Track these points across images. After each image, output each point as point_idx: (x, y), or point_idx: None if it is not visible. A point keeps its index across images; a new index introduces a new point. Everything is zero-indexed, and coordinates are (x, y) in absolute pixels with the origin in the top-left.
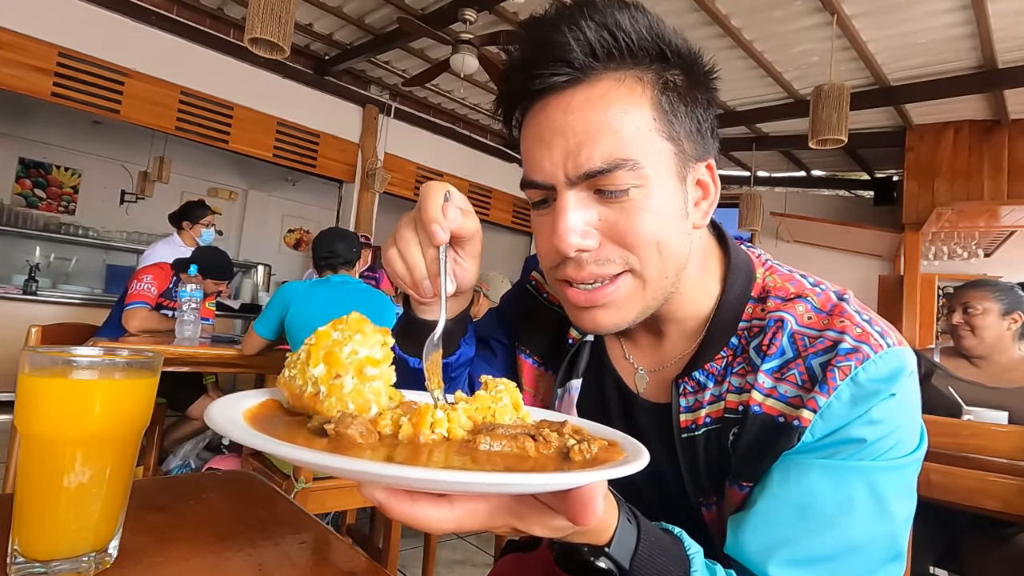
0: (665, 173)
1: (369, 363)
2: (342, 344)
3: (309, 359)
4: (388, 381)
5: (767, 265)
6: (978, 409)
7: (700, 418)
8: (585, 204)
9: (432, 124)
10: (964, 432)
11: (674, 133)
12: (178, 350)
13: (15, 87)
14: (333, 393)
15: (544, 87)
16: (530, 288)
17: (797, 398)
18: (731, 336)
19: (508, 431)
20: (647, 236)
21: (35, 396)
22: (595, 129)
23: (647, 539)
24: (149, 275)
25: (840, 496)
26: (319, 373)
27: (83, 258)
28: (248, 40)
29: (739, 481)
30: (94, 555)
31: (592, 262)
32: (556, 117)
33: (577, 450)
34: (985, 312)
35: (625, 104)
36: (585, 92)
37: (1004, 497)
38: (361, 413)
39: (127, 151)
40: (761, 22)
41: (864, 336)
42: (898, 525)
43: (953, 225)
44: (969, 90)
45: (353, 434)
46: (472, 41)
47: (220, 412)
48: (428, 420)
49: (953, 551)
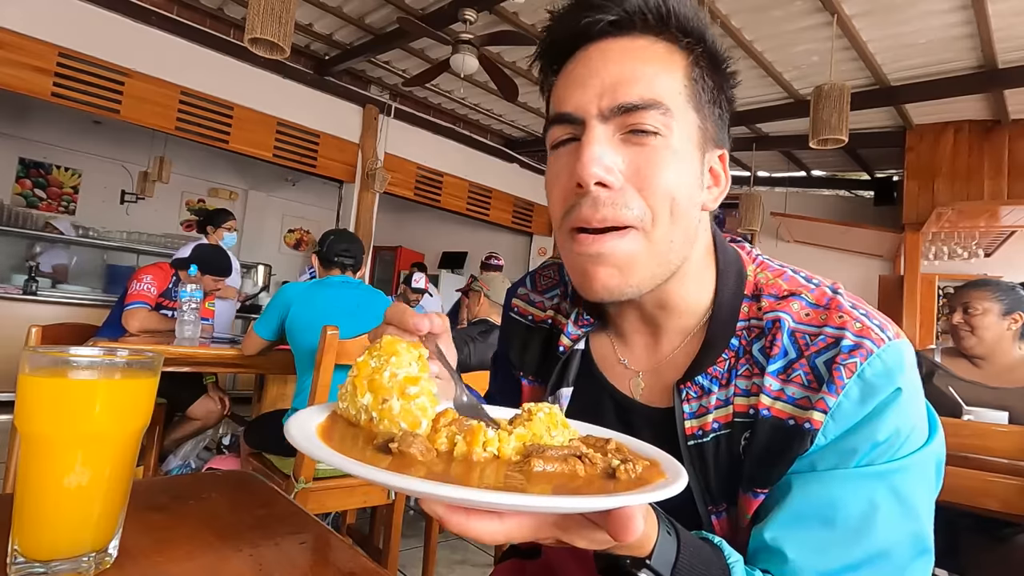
0: (688, 138)
1: (409, 383)
2: (381, 370)
3: (356, 390)
4: (430, 394)
5: (758, 261)
6: (978, 409)
7: (708, 424)
8: (613, 144)
9: (432, 124)
10: (964, 432)
11: (700, 106)
12: (178, 350)
13: (15, 87)
14: (385, 416)
15: (592, 27)
16: (514, 315)
17: (805, 399)
18: (731, 337)
19: (557, 452)
20: (665, 187)
21: (35, 396)
22: (632, 73)
23: (687, 550)
24: (149, 275)
25: (863, 503)
26: (367, 401)
27: (83, 258)
28: (248, 40)
29: (753, 488)
30: (94, 555)
31: (608, 203)
32: (595, 59)
33: (623, 470)
34: (985, 312)
35: (662, 63)
36: (625, 42)
37: (1004, 497)
38: (413, 429)
39: (127, 151)
40: (761, 22)
41: (865, 331)
42: (923, 521)
43: (953, 225)
44: (969, 90)
45: (415, 452)
46: (472, 41)
47: (299, 429)
48: (480, 439)
49: (953, 551)
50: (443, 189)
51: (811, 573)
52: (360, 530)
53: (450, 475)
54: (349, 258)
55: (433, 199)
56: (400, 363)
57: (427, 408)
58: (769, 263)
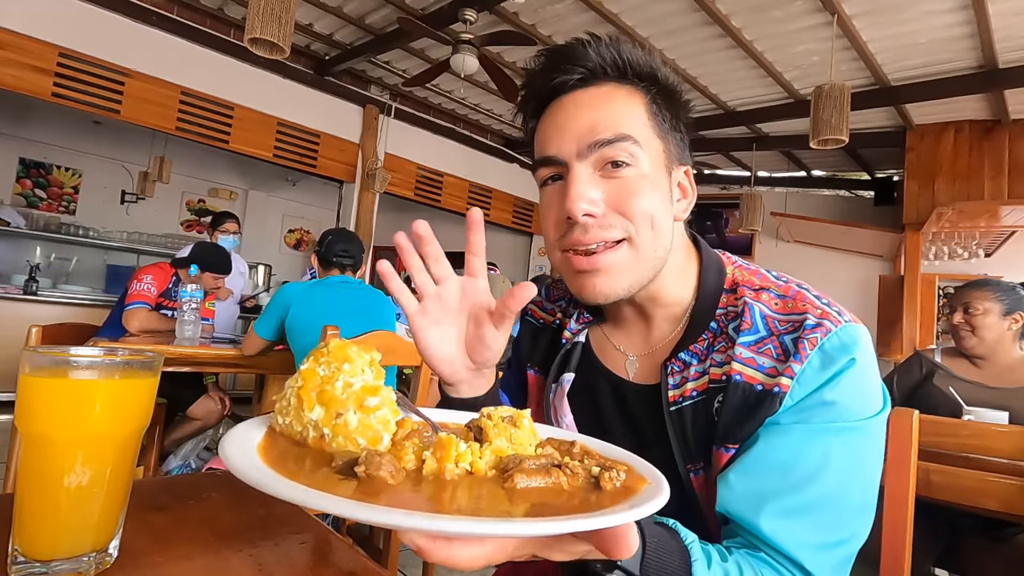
0: (656, 164)
1: (367, 393)
2: (332, 380)
3: (303, 403)
4: (392, 404)
5: (736, 263)
6: (978, 409)
7: (687, 391)
8: (592, 179)
9: (432, 124)
10: (964, 432)
11: (663, 133)
12: (178, 350)
13: (15, 87)
14: (339, 433)
15: (562, 84)
16: (528, 318)
17: (773, 368)
18: (710, 321)
19: (536, 463)
20: (643, 208)
21: (35, 396)
22: (602, 115)
23: (652, 542)
24: (149, 275)
25: (817, 453)
26: (318, 416)
27: (83, 258)
28: (248, 40)
29: (725, 444)
30: (94, 555)
31: (596, 227)
32: (569, 109)
33: (607, 478)
34: (986, 312)
35: (625, 102)
36: (593, 91)
37: (1004, 497)
38: (374, 445)
39: (127, 151)
40: (761, 22)
41: (825, 314)
42: (869, 479)
43: (953, 225)
44: (969, 90)
45: (384, 475)
46: (472, 41)
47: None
48: (452, 454)
49: (954, 551)
50: (443, 189)
51: (769, 513)
52: (360, 530)
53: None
54: (348, 258)
55: (433, 199)
56: (353, 370)
57: (388, 421)
58: (745, 265)
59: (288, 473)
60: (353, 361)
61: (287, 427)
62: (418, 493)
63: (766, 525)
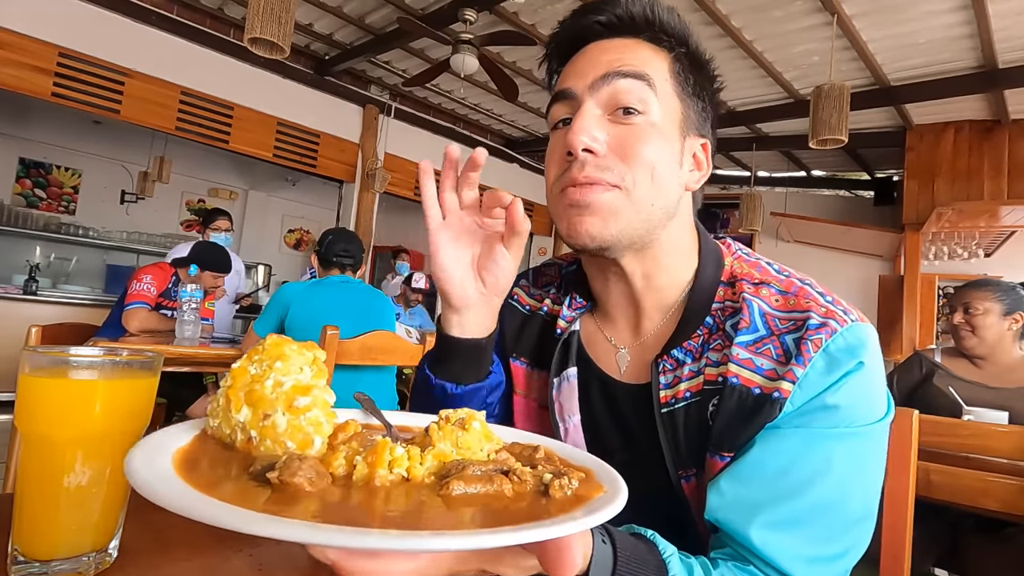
0: (670, 121)
1: (298, 393)
2: (262, 378)
3: (230, 404)
4: (325, 405)
5: (736, 254)
6: (978, 409)
7: (680, 392)
8: (600, 120)
9: (432, 124)
10: (964, 432)
11: (683, 96)
12: (178, 350)
13: (15, 87)
14: (267, 436)
15: (589, 28)
16: (512, 302)
17: (773, 371)
18: (706, 316)
19: (480, 469)
20: (644, 158)
21: (35, 396)
22: (624, 56)
23: (623, 554)
24: (148, 275)
25: (817, 459)
26: (245, 418)
27: (83, 258)
28: (248, 40)
29: (720, 451)
30: (94, 555)
31: (593, 165)
32: (592, 53)
33: (556, 486)
34: (986, 312)
35: (649, 55)
36: (617, 41)
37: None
38: (304, 449)
39: (127, 151)
40: (761, 22)
41: (830, 313)
42: (871, 487)
43: (953, 225)
44: (969, 90)
45: (301, 482)
46: (472, 41)
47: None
48: (385, 459)
49: (954, 551)
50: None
51: (762, 523)
52: None
53: (349, 507)
54: (348, 258)
55: None
56: (287, 369)
57: (321, 423)
58: (745, 256)
59: (196, 480)
60: (288, 359)
61: (217, 429)
62: (338, 501)
63: (757, 536)
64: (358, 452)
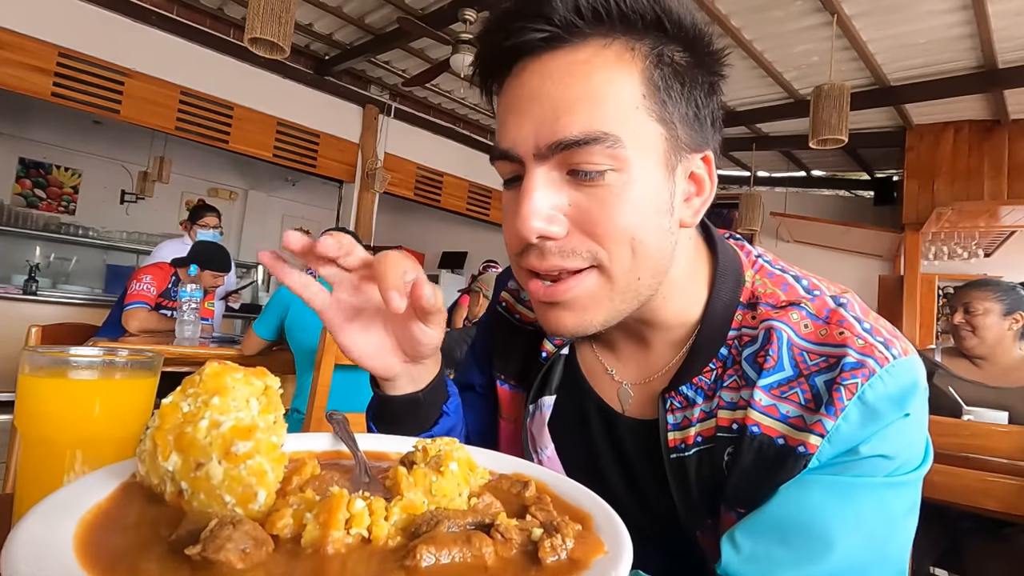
0: (650, 159)
1: (237, 436)
2: (196, 418)
3: (157, 450)
4: (271, 450)
5: (757, 266)
6: (978, 409)
7: (690, 437)
8: (555, 185)
9: (432, 124)
10: (964, 432)
11: (666, 115)
12: (178, 350)
13: (15, 87)
14: (200, 489)
15: (521, 45)
16: (501, 310)
17: (799, 419)
18: (720, 346)
19: (456, 525)
20: (620, 230)
21: (35, 396)
22: (575, 97)
23: None
24: (148, 275)
25: (846, 514)
26: (174, 466)
27: (83, 258)
28: (248, 40)
29: (736, 507)
30: None
31: (557, 252)
32: (533, 82)
33: (548, 547)
34: (986, 312)
35: (611, 73)
36: (567, 56)
37: (1004, 497)
38: (245, 505)
39: (127, 151)
40: (761, 22)
41: (868, 348)
42: (903, 543)
43: (953, 225)
44: (969, 90)
45: (230, 558)
46: (472, 41)
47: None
48: (341, 518)
49: (954, 551)
50: (443, 189)
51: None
52: None
53: None
54: None
55: (433, 199)
56: (225, 405)
57: (265, 472)
58: (769, 268)
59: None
60: (228, 392)
61: (145, 478)
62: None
63: None
64: (312, 505)
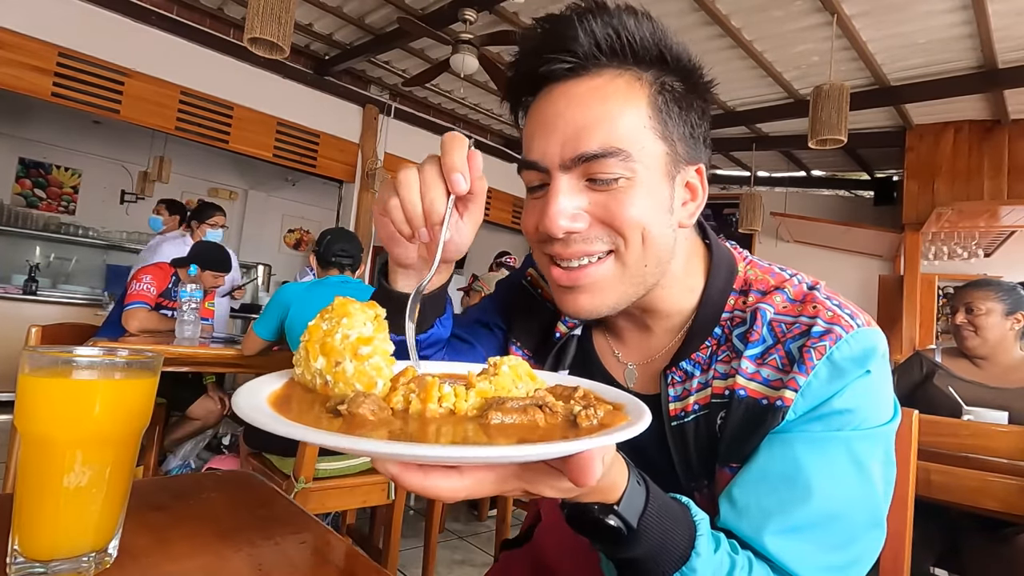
0: (655, 172)
1: (361, 343)
2: (333, 332)
3: (308, 355)
4: (385, 353)
5: (748, 260)
6: (978, 409)
7: (689, 405)
8: (577, 190)
9: (432, 124)
10: (964, 432)
11: (668, 133)
12: (178, 350)
13: (15, 87)
14: (339, 379)
15: (551, 73)
16: (525, 284)
17: (778, 380)
18: (714, 327)
19: (517, 403)
20: (634, 219)
21: (35, 396)
22: (594, 118)
23: (655, 502)
24: (148, 275)
25: (823, 465)
26: (321, 366)
27: (83, 258)
28: (248, 40)
29: (728, 463)
30: (94, 555)
31: (581, 241)
32: (559, 103)
33: (584, 415)
34: (988, 312)
35: (623, 98)
36: (586, 83)
37: (1004, 497)
38: (369, 390)
39: (127, 151)
40: (761, 22)
41: (835, 318)
42: (878, 492)
43: (953, 225)
44: (969, 90)
45: (365, 412)
46: (472, 41)
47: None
48: (435, 395)
49: (954, 551)
50: None
51: (774, 530)
52: (360, 530)
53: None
54: (347, 257)
55: None
56: (352, 324)
57: (382, 368)
58: (759, 262)
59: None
60: (352, 316)
61: (301, 377)
62: (396, 428)
63: (771, 543)
64: (413, 391)
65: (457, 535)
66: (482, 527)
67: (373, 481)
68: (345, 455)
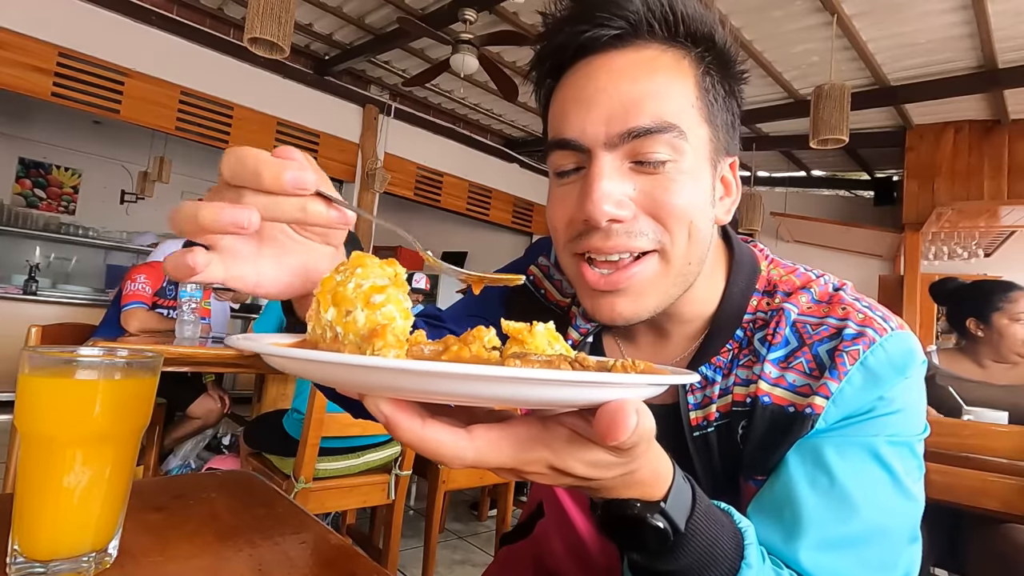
0: (701, 157)
1: (374, 291)
2: (345, 282)
3: (319, 306)
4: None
5: (770, 259)
6: (978, 409)
7: (711, 414)
8: (622, 173)
9: (432, 124)
10: (964, 432)
11: (712, 118)
12: (178, 350)
13: (15, 87)
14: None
15: (592, 41)
16: (528, 284)
17: (806, 387)
18: (736, 328)
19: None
20: (682, 211)
21: (35, 396)
22: (643, 91)
23: (702, 503)
24: (142, 274)
25: (861, 476)
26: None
27: (83, 258)
28: (248, 40)
29: (753, 475)
30: (94, 555)
31: (624, 233)
32: (600, 76)
33: (619, 366)
34: None
35: (672, 74)
36: (632, 55)
37: (1004, 497)
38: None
39: (127, 151)
40: (761, 22)
41: (867, 321)
42: (916, 505)
43: (953, 225)
44: (969, 90)
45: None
46: (472, 41)
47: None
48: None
49: (954, 551)
50: (443, 189)
51: (810, 544)
52: (360, 530)
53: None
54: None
55: (433, 199)
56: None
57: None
58: (781, 261)
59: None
60: (367, 266)
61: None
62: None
63: (807, 559)
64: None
65: (457, 535)
66: (482, 527)
67: (373, 481)
68: (345, 455)
